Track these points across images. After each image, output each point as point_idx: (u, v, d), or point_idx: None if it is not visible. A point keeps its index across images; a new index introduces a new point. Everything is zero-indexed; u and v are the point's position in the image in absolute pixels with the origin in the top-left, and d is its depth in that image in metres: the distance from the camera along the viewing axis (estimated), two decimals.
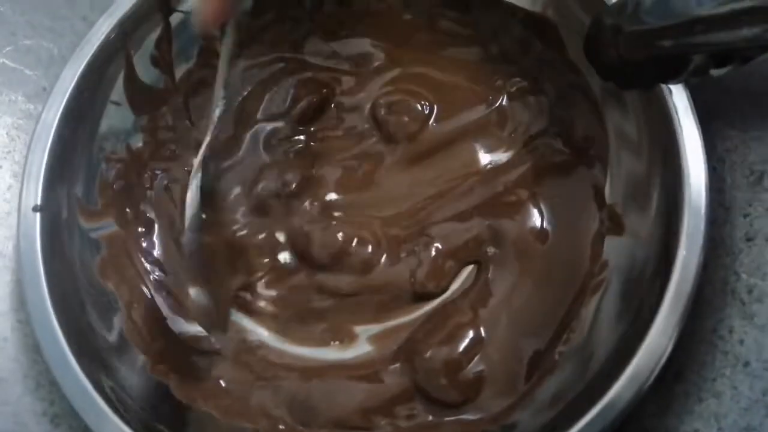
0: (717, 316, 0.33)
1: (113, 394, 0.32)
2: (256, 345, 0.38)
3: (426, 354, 0.36)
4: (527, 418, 0.33)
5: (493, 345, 0.36)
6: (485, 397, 0.35)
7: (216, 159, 0.41)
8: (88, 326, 0.34)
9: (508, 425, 0.34)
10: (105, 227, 0.37)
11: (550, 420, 0.32)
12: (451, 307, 0.38)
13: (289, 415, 0.36)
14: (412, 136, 0.41)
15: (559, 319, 0.36)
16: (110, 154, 0.38)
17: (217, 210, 0.40)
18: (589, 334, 0.34)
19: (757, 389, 0.31)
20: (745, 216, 0.34)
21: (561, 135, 0.40)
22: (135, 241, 0.39)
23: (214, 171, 0.40)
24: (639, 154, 0.36)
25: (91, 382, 0.31)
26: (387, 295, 0.38)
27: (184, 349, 0.37)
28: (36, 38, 0.43)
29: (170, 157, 0.41)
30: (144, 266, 0.38)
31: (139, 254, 0.38)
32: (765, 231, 0.33)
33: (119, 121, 0.39)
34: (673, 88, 0.33)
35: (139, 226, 0.39)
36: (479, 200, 0.40)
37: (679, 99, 0.32)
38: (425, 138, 0.41)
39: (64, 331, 0.32)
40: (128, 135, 0.39)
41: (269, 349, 0.38)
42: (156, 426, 0.33)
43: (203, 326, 0.37)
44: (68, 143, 0.36)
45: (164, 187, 0.40)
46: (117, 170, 0.38)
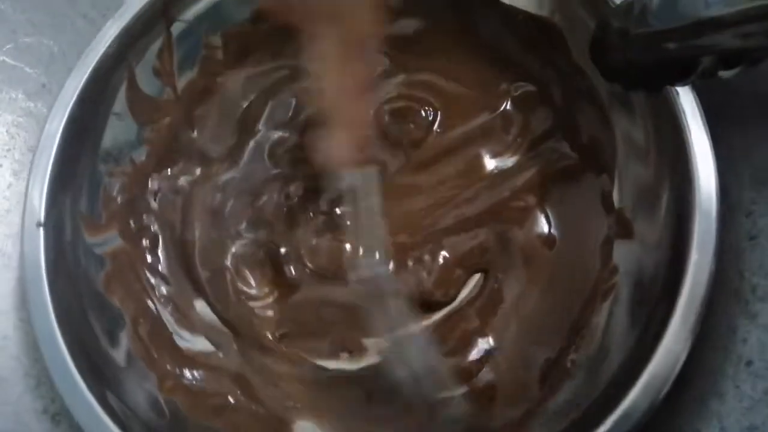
0: (720, 315, 0.32)
1: (123, 415, 0.32)
2: (263, 359, 0.38)
3: None
4: (541, 428, 0.33)
5: (503, 353, 0.36)
6: (497, 406, 0.35)
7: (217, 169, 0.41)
8: (94, 343, 0.34)
9: None
10: (109, 241, 0.37)
11: (564, 429, 0.31)
12: (459, 316, 0.38)
13: None
14: (417, 143, 0.41)
15: (570, 327, 0.35)
16: (113, 168, 0.38)
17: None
18: (602, 341, 0.34)
19: (760, 389, 0.31)
20: (749, 215, 0.34)
21: (567, 139, 0.39)
22: (140, 256, 0.38)
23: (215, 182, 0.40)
24: (647, 157, 0.35)
25: (98, 401, 0.31)
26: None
27: (191, 365, 0.37)
28: (36, 36, 0.43)
29: (174, 168, 0.41)
30: (150, 281, 0.38)
31: (145, 269, 0.38)
32: None
33: (122, 134, 0.38)
34: (680, 91, 0.32)
35: (144, 239, 0.39)
36: (485, 206, 0.39)
37: (687, 101, 0.32)
38: (430, 144, 0.41)
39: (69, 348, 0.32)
40: (132, 147, 0.39)
41: (277, 363, 0.38)
42: None
43: None
44: (71, 157, 0.36)
45: (168, 199, 0.40)
46: (121, 183, 0.38)
